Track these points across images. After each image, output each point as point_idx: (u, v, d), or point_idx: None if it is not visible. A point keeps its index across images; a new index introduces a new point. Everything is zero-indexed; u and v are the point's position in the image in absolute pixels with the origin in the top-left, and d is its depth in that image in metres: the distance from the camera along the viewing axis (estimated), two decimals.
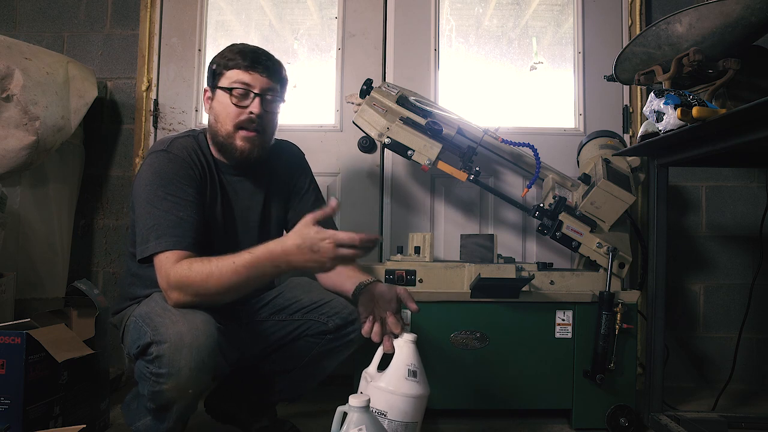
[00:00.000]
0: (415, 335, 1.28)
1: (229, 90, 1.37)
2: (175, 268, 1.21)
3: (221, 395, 1.58)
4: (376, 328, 1.30)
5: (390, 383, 1.23)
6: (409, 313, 1.70)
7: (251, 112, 1.37)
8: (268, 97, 1.40)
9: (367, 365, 1.70)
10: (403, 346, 1.27)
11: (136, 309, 1.31)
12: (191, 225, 1.29)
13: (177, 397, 1.20)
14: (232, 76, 1.38)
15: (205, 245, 1.32)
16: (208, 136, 1.46)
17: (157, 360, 1.15)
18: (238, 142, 1.39)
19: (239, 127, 1.38)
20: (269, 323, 1.50)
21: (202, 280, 1.19)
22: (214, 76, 1.41)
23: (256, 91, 1.38)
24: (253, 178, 1.50)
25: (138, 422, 1.32)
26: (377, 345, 1.70)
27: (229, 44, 1.44)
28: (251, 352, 1.49)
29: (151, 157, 1.35)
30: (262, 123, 1.40)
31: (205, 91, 1.45)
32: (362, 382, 1.30)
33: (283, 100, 1.47)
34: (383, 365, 1.28)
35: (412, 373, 1.24)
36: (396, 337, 1.28)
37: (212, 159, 1.44)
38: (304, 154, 1.66)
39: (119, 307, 1.48)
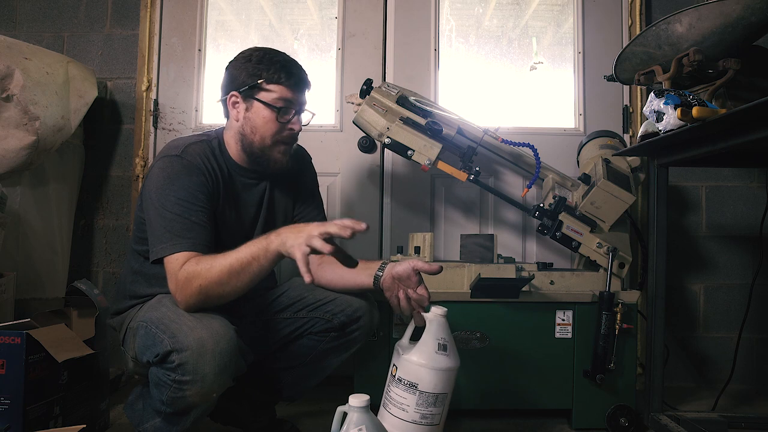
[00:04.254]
0: (446, 309, 1.31)
1: (276, 109, 1.40)
2: (184, 266, 1.23)
3: (222, 394, 1.58)
4: (403, 303, 1.33)
5: (421, 357, 1.28)
6: None
7: (292, 129, 1.43)
8: (303, 111, 1.46)
9: (368, 366, 1.72)
10: (434, 321, 1.31)
11: (144, 313, 1.31)
12: (203, 229, 1.31)
13: (200, 402, 1.22)
14: (277, 92, 1.39)
15: (217, 249, 1.32)
16: (229, 140, 1.46)
17: (180, 368, 1.16)
18: (276, 155, 1.44)
19: (280, 142, 1.43)
20: (274, 321, 1.51)
21: (206, 269, 1.22)
22: (253, 86, 1.39)
23: (297, 108, 1.43)
24: (268, 182, 1.52)
25: (146, 423, 1.32)
26: (378, 346, 1.72)
27: (261, 50, 1.43)
28: (256, 350, 1.49)
29: (164, 160, 1.35)
30: (297, 135, 1.47)
31: (233, 95, 1.42)
32: (394, 354, 1.34)
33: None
34: (416, 337, 1.32)
35: (442, 347, 1.28)
36: (426, 311, 1.32)
37: (227, 163, 1.45)
38: (311, 158, 1.68)
39: (120, 307, 1.47)
